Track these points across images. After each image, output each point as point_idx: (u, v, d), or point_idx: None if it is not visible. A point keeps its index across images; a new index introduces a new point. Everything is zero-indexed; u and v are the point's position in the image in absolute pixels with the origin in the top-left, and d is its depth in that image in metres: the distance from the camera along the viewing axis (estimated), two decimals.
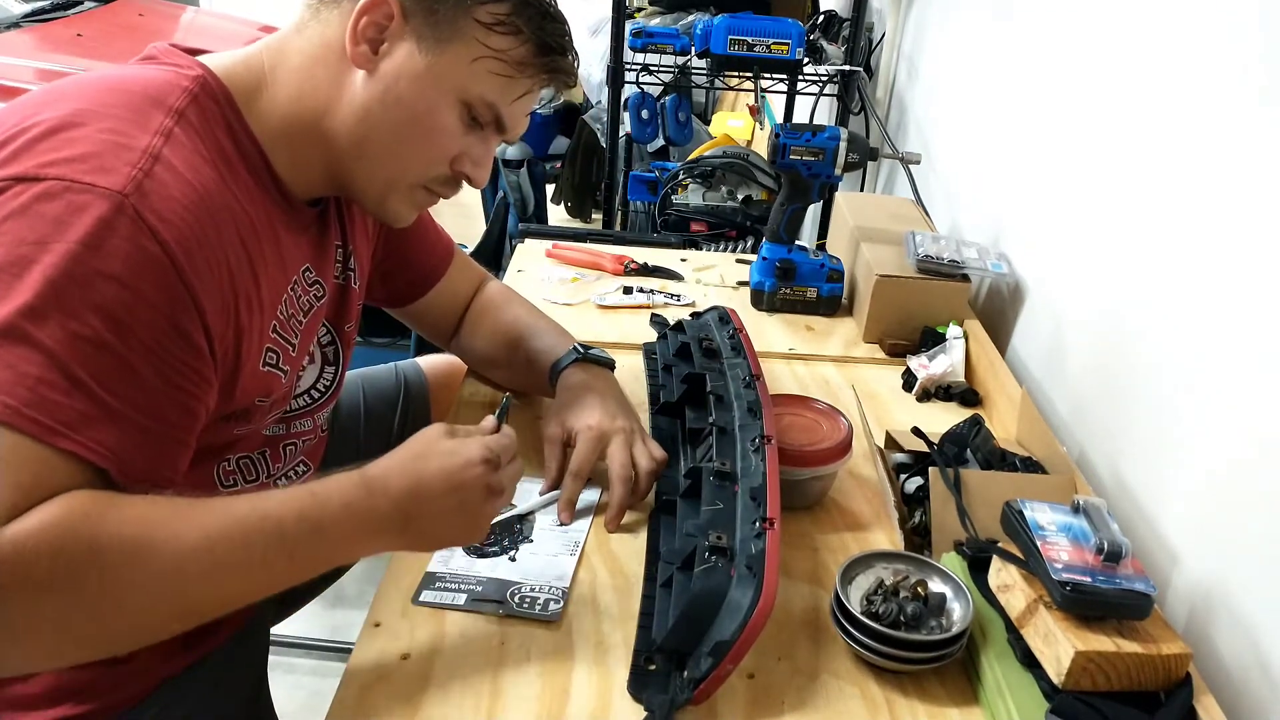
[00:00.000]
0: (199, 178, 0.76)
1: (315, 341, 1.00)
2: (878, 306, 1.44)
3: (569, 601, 0.91)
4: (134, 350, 0.70)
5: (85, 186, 0.69)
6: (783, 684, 0.84)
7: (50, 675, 0.84)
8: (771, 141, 1.48)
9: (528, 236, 1.81)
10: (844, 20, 2.43)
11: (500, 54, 0.85)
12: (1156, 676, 0.79)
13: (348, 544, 0.76)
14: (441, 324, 1.23)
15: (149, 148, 0.74)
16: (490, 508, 0.83)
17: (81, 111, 0.74)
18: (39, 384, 0.65)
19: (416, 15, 0.83)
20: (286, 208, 0.89)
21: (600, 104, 3.72)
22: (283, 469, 1.02)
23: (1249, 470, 0.89)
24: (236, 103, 0.84)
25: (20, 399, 0.65)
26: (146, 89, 0.79)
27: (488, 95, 0.87)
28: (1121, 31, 1.21)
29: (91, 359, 0.68)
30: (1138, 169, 1.14)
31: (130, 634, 0.69)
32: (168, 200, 0.72)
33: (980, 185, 1.67)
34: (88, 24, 3.33)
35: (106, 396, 0.68)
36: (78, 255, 0.68)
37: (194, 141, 0.78)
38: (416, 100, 0.85)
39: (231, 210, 0.80)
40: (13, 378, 0.65)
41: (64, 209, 0.68)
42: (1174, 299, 1.04)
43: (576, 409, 1.07)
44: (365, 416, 1.30)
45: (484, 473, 0.81)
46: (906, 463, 1.10)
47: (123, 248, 0.69)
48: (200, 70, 0.83)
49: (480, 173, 0.92)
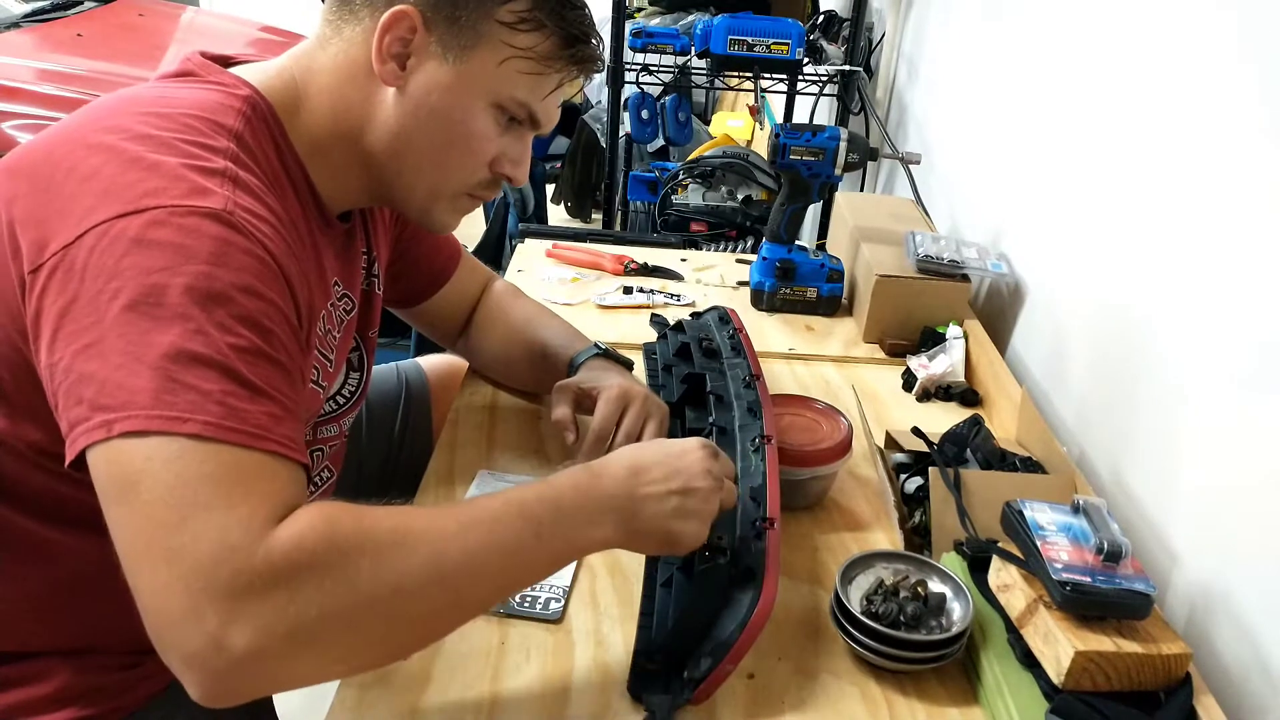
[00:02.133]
0: (268, 200, 0.78)
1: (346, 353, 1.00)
2: (878, 306, 1.44)
3: (569, 601, 0.91)
4: (279, 350, 0.72)
5: (189, 209, 0.70)
6: (783, 684, 0.84)
7: (61, 678, 0.84)
8: (771, 141, 1.48)
9: (528, 236, 1.81)
10: (844, 20, 2.43)
11: (527, 52, 0.84)
12: (1156, 676, 0.79)
13: (582, 521, 0.76)
14: (447, 324, 1.23)
15: (225, 170, 0.75)
16: (712, 500, 0.80)
17: (151, 139, 0.74)
18: (226, 396, 0.66)
19: (439, 25, 0.83)
20: (323, 225, 0.90)
21: (600, 104, 3.72)
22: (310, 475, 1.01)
23: (1249, 469, 0.89)
24: (280, 119, 0.84)
25: (215, 414, 0.65)
26: (201, 111, 0.79)
27: (519, 95, 0.86)
28: (1121, 30, 1.21)
29: (256, 365, 0.69)
30: (1137, 169, 1.14)
31: (410, 629, 0.69)
32: (257, 217, 0.74)
33: (980, 185, 1.67)
34: (88, 24, 3.32)
35: (279, 395, 0.70)
36: (211, 274, 0.69)
37: (253, 163, 0.79)
38: (450, 111, 0.85)
39: (295, 228, 0.82)
40: (199, 397, 0.65)
41: (179, 233, 0.69)
42: (1174, 299, 1.04)
43: (597, 376, 1.07)
44: (367, 416, 1.30)
45: (704, 457, 0.81)
46: (906, 463, 1.10)
47: (245, 259, 0.71)
48: (248, 90, 0.83)
49: (520, 171, 0.92)
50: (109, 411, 0.63)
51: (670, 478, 0.79)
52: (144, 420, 0.63)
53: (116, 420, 0.63)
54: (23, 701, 0.83)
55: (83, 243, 0.68)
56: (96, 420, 0.63)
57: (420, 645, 0.72)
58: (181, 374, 0.65)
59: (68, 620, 0.84)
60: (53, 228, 0.70)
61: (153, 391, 0.64)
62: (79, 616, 0.84)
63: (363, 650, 0.67)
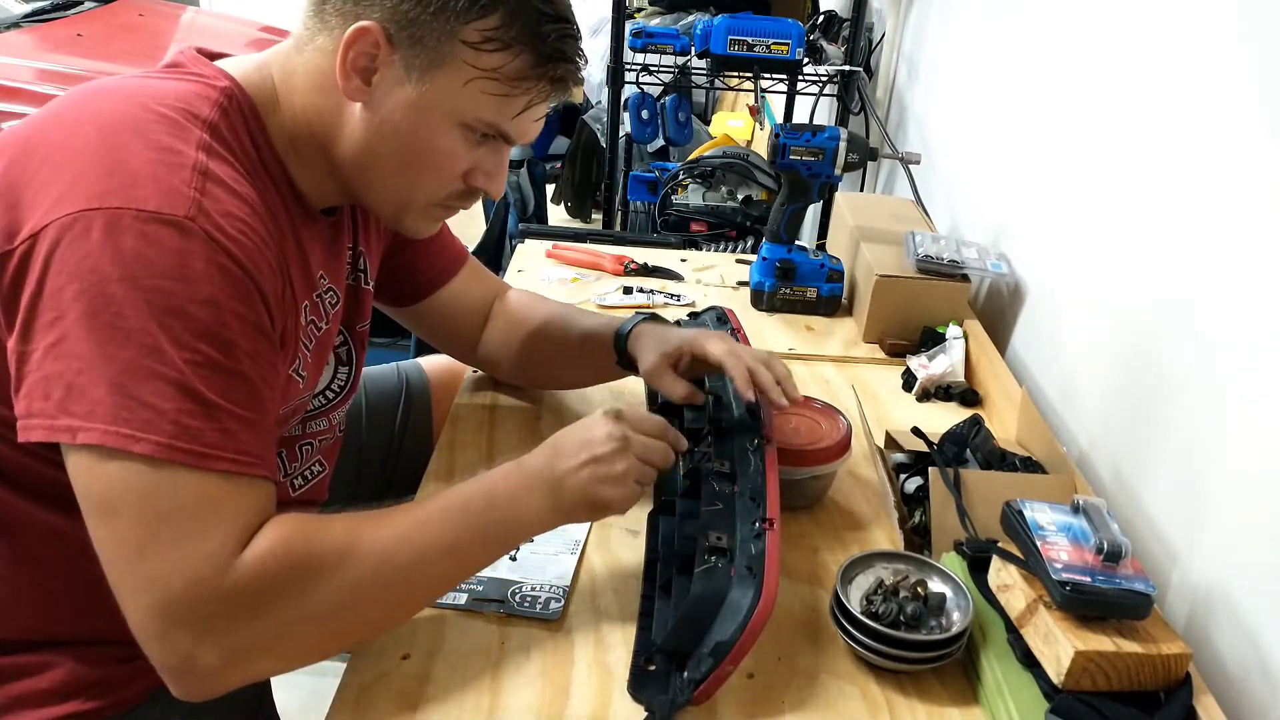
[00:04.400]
0: (242, 188, 0.77)
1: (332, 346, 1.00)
2: (878, 306, 1.44)
3: (570, 601, 0.91)
4: (240, 360, 0.73)
5: (151, 215, 0.70)
6: (783, 684, 0.84)
7: (63, 671, 0.84)
8: (771, 141, 1.48)
9: (528, 236, 1.81)
10: (844, 20, 2.43)
11: (492, 73, 0.81)
12: (1156, 676, 0.79)
13: (516, 508, 0.82)
14: (455, 331, 1.21)
15: (196, 163, 0.74)
16: (620, 461, 0.84)
17: (125, 129, 0.74)
18: (180, 414, 0.69)
19: (402, 44, 0.80)
20: (305, 217, 0.89)
21: (600, 104, 3.72)
22: (299, 468, 1.03)
23: (1250, 469, 0.89)
24: (259, 112, 0.83)
25: (168, 433, 0.68)
26: (178, 101, 0.78)
27: (485, 115, 0.84)
28: (1122, 30, 1.21)
29: (213, 380, 0.71)
30: (1137, 168, 1.14)
31: (368, 625, 0.79)
32: (226, 215, 0.74)
33: (980, 185, 1.67)
34: (88, 24, 3.32)
35: (236, 409, 0.72)
36: (170, 289, 0.69)
37: (228, 153, 0.79)
38: (414, 130, 0.83)
39: (275, 218, 0.81)
40: (154, 415, 0.68)
41: (139, 241, 0.69)
42: (1174, 299, 1.04)
43: (668, 337, 1.04)
44: (367, 416, 1.30)
45: (607, 423, 0.86)
46: (906, 463, 1.10)
47: (206, 271, 0.71)
48: (227, 81, 0.82)
49: (495, 184, 0.90)
50: (72, 417, 0.68)
51: (580, 450, 0.84)
52: (102, 434, 0.67)
53: (80, 429, 0.68)
54: (25, 693, 0.83)
55: (47, 234, 0.69)
56: (62, 423, 0.68)
57: (380, 633, 0.82)
58: (138, 390, 0.68)
59: (68, 610, 0.84)
60: (24, 212, 0.71)
61: (111, 406, 0.68)
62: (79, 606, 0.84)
63: (326, 646, 0.76)
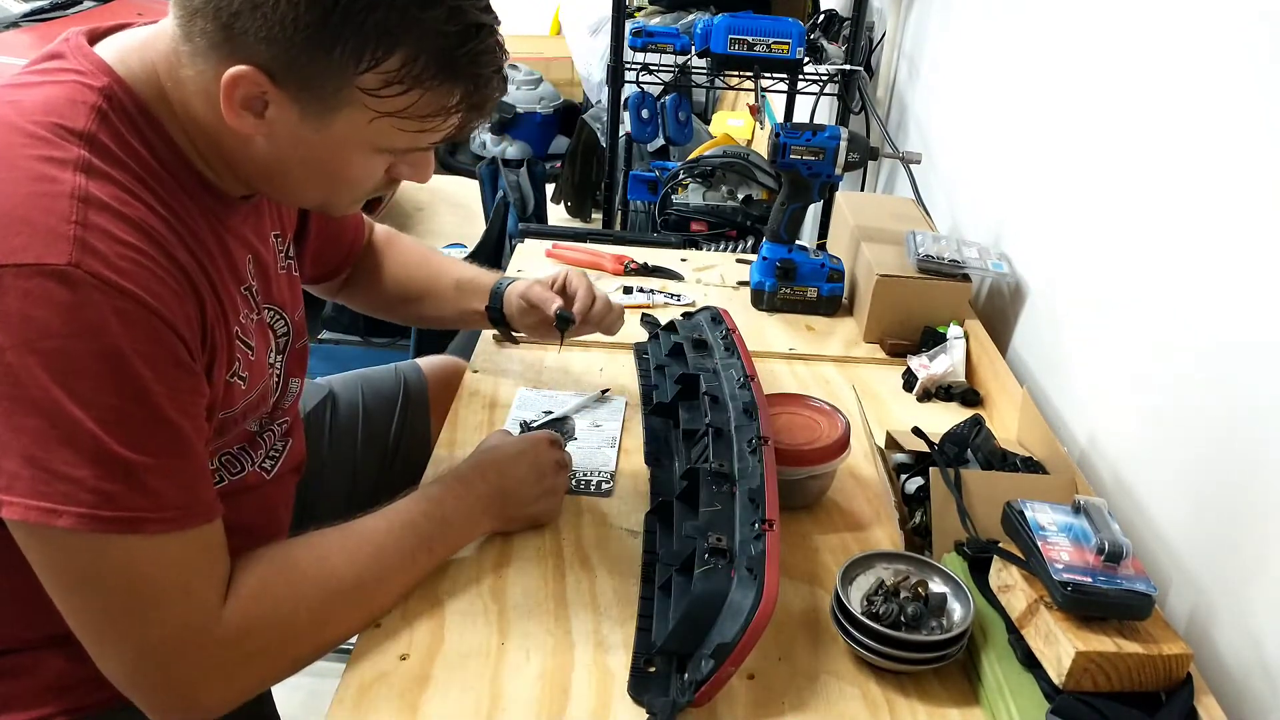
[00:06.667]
0: (132, 209, 0.72)
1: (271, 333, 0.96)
2: (878, 306, 1.44)
3: (570, 605, 0.91)
4: (158, 403, 0.70)
5: (33, 269, 0.65)
6: (783, 684, 0.84)
7: (53, 670, 0.83)
8: (772, 141, 1.48)
9: (528, 236, 1.81)
10: (844, 20, 2.43)
11: (400, 114, 0.75)
12: (1157, 677, 0.78)
13: (465, 524, 0.94)
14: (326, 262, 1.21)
15: (75, 189, 0.69)
16: (560, 477, 1.00)
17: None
18: (99, 481, 0.67)
19: (291, 85, 0.72)
20: (221, 209, 0.83)
21: (600, 103, 3.72)
22: (264, 454, 0.99)
23: (1250, 468, 0.89)
24: (149, 109, 0.76)
25: (88, 503, 0.67)
26: (47, 115, 0.72)
27: (399, 144, 0.78)
28: (1123, 29, 1.20)
29: (128, 435, 0.69)
30: (1138, 167, 1.13)
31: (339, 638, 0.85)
32: (115, 246, 0.69)
33: (981, 185, 1.67)
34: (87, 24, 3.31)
35: (156, 459, 0.70)
36: (65, 348, 0.66)
37: (114, 166, 0.73)
38: (322, 160, 0.78)
39: (174, 229, 0.75)
40: (70, 487, 0.67)
41: (24, 302, 0.65)
42: (1175, 299, 1.03)
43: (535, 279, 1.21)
44: (364, 417, 1.30)
45: (549, 447, 1.00)
46: (907, 463, 1.10)
47: (101, 320, 0.67)
48: (105, 79, 0.75)
49: (422, 174, 0.84)
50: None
51: (533, 476, 0.97)
52: (24, 510, 0.67)
53: (4, 503, 0.67)
54: (14, 693, 0.83)
55: None
56: None
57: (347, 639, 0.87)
58: (50, 460, 0.66)
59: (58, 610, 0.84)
60: None
61: (28, 480, 0.66)
62: None
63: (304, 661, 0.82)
